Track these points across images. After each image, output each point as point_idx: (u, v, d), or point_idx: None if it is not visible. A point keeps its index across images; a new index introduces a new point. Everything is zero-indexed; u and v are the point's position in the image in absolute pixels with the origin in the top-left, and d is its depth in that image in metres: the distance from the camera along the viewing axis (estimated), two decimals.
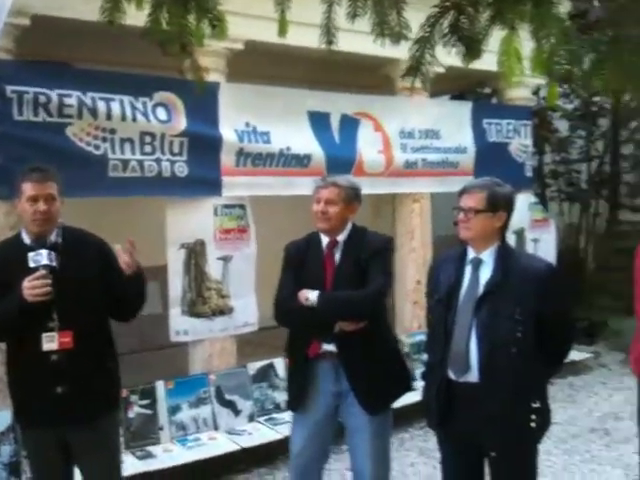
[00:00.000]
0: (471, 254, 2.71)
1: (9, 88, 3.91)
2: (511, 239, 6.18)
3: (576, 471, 4.44)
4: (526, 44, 2.11)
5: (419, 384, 3.01)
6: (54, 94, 4.06)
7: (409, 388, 3.20)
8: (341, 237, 3.05)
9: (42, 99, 4.02)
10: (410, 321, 6.05)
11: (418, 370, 5.51)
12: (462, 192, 2.69)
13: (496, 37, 2.10)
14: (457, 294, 2.67)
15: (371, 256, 2.97)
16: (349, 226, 3.09)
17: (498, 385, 2.54)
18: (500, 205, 2.65)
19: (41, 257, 2.62)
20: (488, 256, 2.67)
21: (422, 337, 5.55)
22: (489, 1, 1.78)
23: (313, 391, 3.05)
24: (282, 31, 2.75)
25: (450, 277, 2.70)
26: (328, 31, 2.57)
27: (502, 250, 2.68)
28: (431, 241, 6.25)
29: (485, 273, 2.65)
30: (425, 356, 5.48)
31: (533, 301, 2.54)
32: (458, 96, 7.68)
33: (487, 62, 2.32)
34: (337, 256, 3.04)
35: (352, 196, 3.05)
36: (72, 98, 4.12)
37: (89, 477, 2.87)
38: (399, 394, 3.16)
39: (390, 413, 3.14)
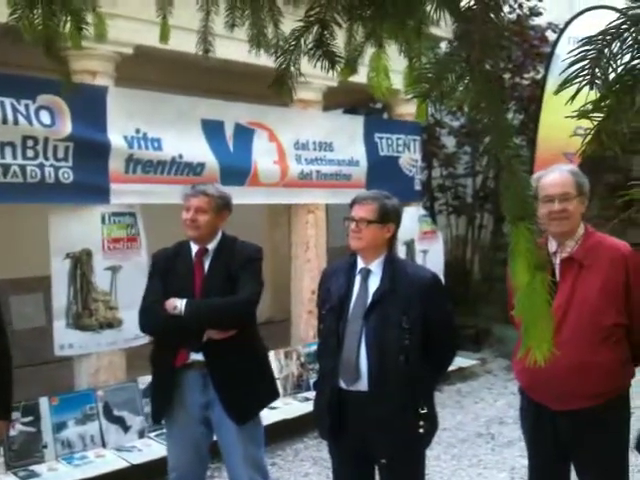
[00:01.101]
0: (360, 264, 2.76)
1: None
2: (401, 250, 6.36)
3: (464, 475, 4.57)
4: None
5: (313, 394, 3.02)
6: None
7: (275, 397, 3.25)
8: (211, 246, 3.06)
9: None
10: (306, 331, 6.07)
11: (313, 379, 5.54)
12: (353, 203, 2.74)
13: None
14: (347, 304, 2.70)
15: (241, 265, 3.00)
16: (219, 235, 3.10)
17: (387, 392, 2.59)
18: (390, 217, 2.72)
19: None
20: (376, 266, 2.72)
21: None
22: (364, 18, 1.83)
23: (179, 402, 3.01)
24: (163, 37, 2.70)
25: (340, 287, 2.74)
26: (205, 39, 2.55)
27: (390, 260, 2.74)
28: (326, 252, 6.32)
29: (374, 283, 2.70)
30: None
31: (419, 309, 2.61)
32: (351, 110, 7.85)
33: None
34: (206, 265, 3.04)
35: (222, 205, 3.08)
36: None
37: None
38: (266, 403, 3.20)
39: (260, 421, 3.15)
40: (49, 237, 4.42)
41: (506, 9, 7.65)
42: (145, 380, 4.67)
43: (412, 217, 6.66)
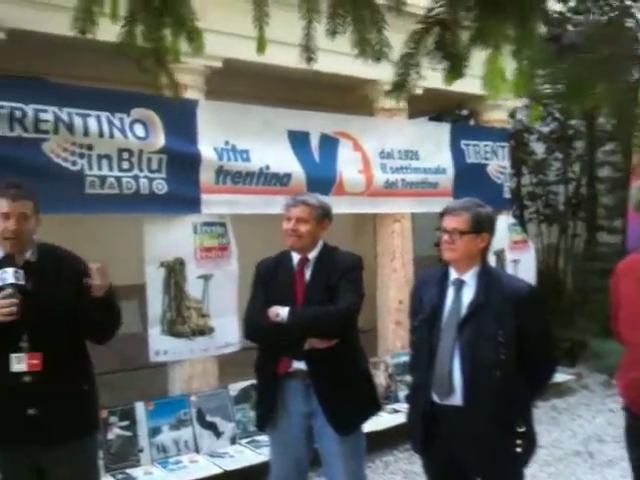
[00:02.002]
0: (453, 275, 2.68)
1: None
2: (491, 260, 6.18)
3: None
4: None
5: (403, 406, 2.97)
6: (30, 109, 4.00)
7: (379, 409, 3.20)
8: (312, 255, 3.06)
9: (17, 114, 3.96)
10: (393, 341, 5.98)
11: (402, 392, 5.45)
12: (445, 213, 2.68)
13: (475, 59, 2.10)
14: (440, 315, 2.64)
15: (342, 275, 2.98)
16: (320, 244, 3.10)
17: (482, 408, 2.50)
18: (484, 226, 2.64)
19: (7, 275, 2.51)
20: (470, 277, 2.64)
21: (406, 358, 5.49)
22: (470, 21, 1.77)
23: (283, 410, 3.01)
24: (260, 48, 2.73)
25: (433, 298, 2.68)
26: (308, 48, 2.56)
27: (484, 271, 2.66)
28: (412, 261, 6.23)
29: (467, 294, 2.63)
30: (409, 377, 5.50)
31: (515, 321, 2.51)
32: (436, 117, 7.74)
33: (465, 84, 2.32)
34: (307, 274, 3.05)
35: (322, 215, 3.08)
36: (48, 113, 4.07)
37: None
38: (369, 415, 3.13)
39: (362, 433, 3.11)
40: (144, 246, 4.55)
41: None
42: (236, 387, 4.75)
43: (502, 226, 6.46)
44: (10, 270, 2.52)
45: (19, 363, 2.55)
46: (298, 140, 5.34)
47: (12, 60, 4.20)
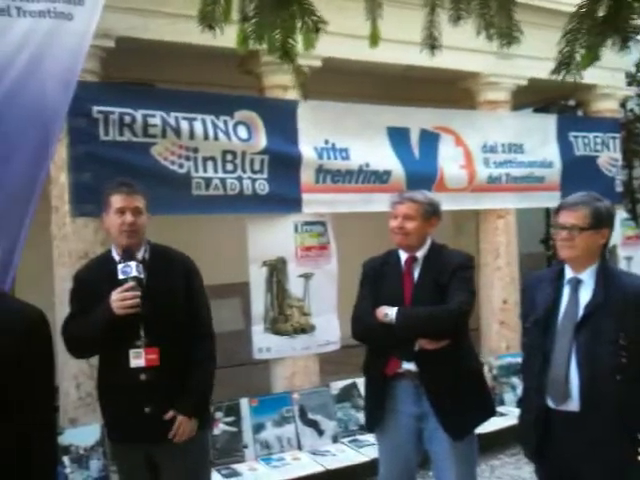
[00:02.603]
0: (569, 274, 2.54)
1: (95, 109, 4.03)
2: None
3: None
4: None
5: (509, 409, 2.84)
6: (139, 114, 4.16)
7: (493, 413, 3.06)
8: (420, 253, 2.97)
9: (127, 119, 4.12)
10: (497, 342, 5.81)
11: (507, 394, 5.27)
12: (561, 208, 2.53)
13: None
14: (554, 317, 2.50)
15: (452, 273, 2.87)
16: (428, 242, 3.00)
17: (601, 415, 2.36)
18: (604, 221, 2.48)
19: (130, 269, 2.60)
20: (588, 276, 2.49)
21: (511, 359, 5.33)
22: None
23: (392, 411, 2.94)
24: (373, 42, 2.70)
25: (547, 298, 2.54)
26: (431, 35, 2.50)
27: (603, 269, 2.50)
28: (517, 259, 6.03)
29: (585, 294, 2.48)
30: (515, 379, 5.33)
31: (638, 323, 2.35)
32: (541, 109, 7.45)
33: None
34: (416, 273, 2.96)
35: (430, 212, 2.97)
36: (156, 118, 4.21)
37: None
38: (483, 419, 3.01)
39: (475, 438, 3.00)
40: (247, 246, 4.64)
41: None
42: (337, 385, 4.75)
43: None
44: (133, 264, 2.61)
45: (137, 358, 2.61)
46: (397, 137, 5.27)
47: (121, 67, 4.38)
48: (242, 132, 4.55)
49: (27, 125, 3.52)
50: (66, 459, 3.74)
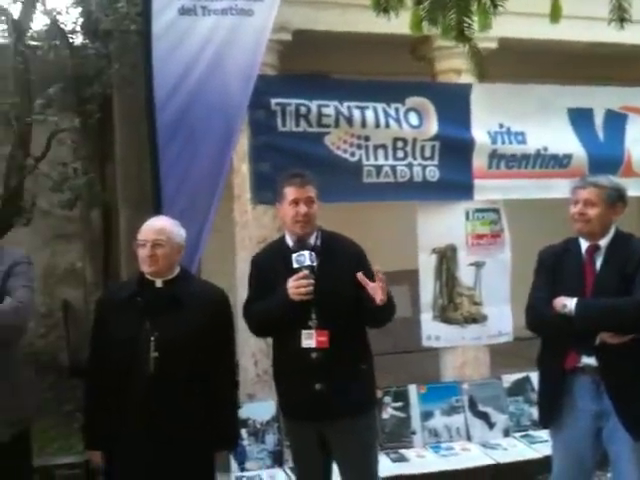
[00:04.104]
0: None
1: (273, 101, 4.21)
2: None
3: None
4: None
5: None
6: (314, 105, 4.29)
7: None
8: (603, 242, 2.80)
9: (303, 110, 4.27)
10: None
11: None
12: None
13: None
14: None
15: (638, 263, 2.68)
16: (612, 231, 2.82)
17: None
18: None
19: (304, 258, 2.73)
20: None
21: None
22: None
23: (569, 408, 2.81)
24: (555, 17, 2.57)
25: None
26: (620, 6, 2.35)
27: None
28: None
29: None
30: None
31: None
32: None
33: None
34: (598, 263, 2.80)
35: (615, 197, 2.80)
36: (330, 108, 4.32)
37: (345, 474, 2.92)
38: None
39: None
40: (417, 233, 4.63)
41: None
42: (509, 378, 4.61)
43: None
44: (306, 253, 2.74)
45: (308, 339, 2.76)
46: (579, 118, 4.96)
47: (297, 59, 4.53)
48: (413, 119, 4.53)
49: (212, 119, 3.78)
50: (244, 432, 3.97)
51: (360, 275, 2.68)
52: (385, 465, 3.91)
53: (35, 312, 3.37)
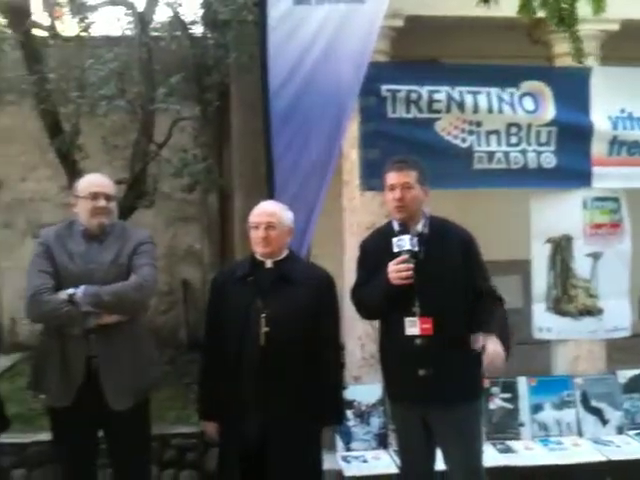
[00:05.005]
0: None
1: (384, 87, 4.22)
2: None
3: None
4: None
5: None
6: (424, 91, 4.26)
7: None
8: None
9: (413, 96, 4.25)
10: None
11: None
12: None
13: None
14: None
15: None
16: None
17: None
18: None
19: (403, 242, 2.77)
20: None
21: None
22: None
23: None
24: None
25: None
26: None
27: None
28: None
29: None
30: None
31: None
32: None
33: None
34: None
35: None
36: (441, 94, 4.28)
37: (448, 461, 2.93)
38: None
39: None
40: (530, 222, 4.51)
41: None
42: (626, 374, 4.42)
43: None
44: (406, 237, 2.79)
45: (412, 327, 2.80)
46: None
47: (409, 45, 4.51)
48: (528, 104, 4.40)
49: (323, 106, 3.86)
50: (350, 413, 4.04)
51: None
52: (491, 455, 3.87)
53: (157, 290, 3.59)
